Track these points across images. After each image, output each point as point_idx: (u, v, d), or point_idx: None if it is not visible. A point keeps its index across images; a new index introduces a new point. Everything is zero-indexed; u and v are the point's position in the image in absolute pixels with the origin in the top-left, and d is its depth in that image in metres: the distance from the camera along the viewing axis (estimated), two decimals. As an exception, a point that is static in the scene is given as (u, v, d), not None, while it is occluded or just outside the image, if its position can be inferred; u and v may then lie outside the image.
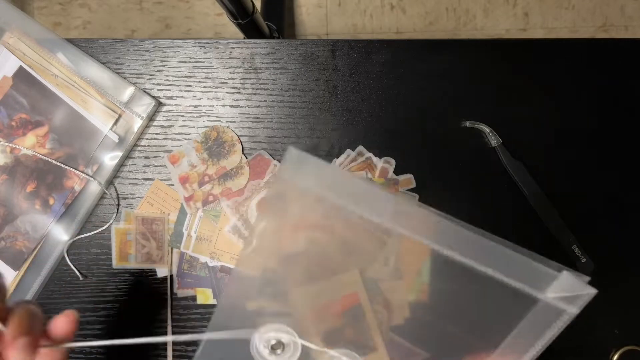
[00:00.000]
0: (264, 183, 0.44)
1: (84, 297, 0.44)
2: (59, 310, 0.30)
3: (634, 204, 0.45)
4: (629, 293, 0.45)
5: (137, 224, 0.44)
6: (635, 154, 0.45)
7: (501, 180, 0.44)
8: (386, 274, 0.44)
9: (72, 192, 0.43)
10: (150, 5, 1.11)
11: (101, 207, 0.44)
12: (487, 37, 1.12)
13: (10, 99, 0.43)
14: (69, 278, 0.44)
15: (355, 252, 0.43)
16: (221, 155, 0.44)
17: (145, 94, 0.43)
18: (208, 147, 0.44)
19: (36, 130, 0.43)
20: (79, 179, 0.43)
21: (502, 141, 0.44)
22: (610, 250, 0.45)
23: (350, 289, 0.43)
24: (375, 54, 0.44)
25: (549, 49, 0.45)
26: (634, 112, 0.45)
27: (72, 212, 0.43)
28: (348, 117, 0.44)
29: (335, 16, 1.12)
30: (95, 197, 0.43)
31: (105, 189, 0.43)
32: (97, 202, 0.44)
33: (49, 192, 0.43)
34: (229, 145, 0.44)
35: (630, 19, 1.13)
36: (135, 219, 0.44)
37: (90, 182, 0.43)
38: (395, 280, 0.44)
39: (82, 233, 0.44)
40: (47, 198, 0.43)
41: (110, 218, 0.44)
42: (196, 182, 0.43)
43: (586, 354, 0.45)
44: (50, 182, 0.43)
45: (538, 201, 0.44)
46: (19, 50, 0.43)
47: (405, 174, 0.44)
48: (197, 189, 0.43)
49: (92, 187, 0.43)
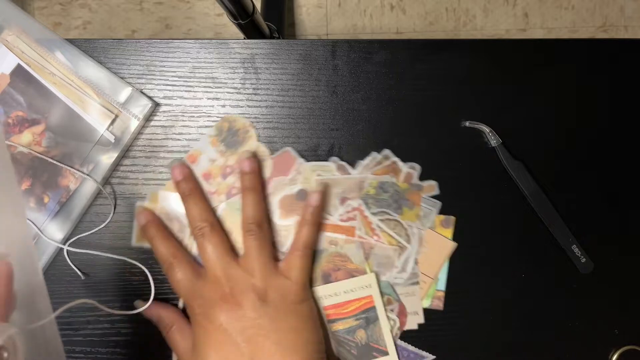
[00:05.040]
0: (288, 180, 0.44)
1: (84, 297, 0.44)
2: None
3: (634, 204, 0.45)
4: (629, 293, 0.45)
5: (162, 205, 0.44)
6: (635, 154, 0.45)
7: (501, 180, 0.44)
8: (403, 279, 0.44)
9: (67, 190, 0.43)
10: (150, 5, 1.11)
11: (97, 207, 0.44)
12: (487, 37, 1.12)
13: (7, 97, 0.43)
14: (69, 278, 0.44)
15: (373, 255, 0.44)
16: (237, 144, 0.44)
17: (142, 95, 0.43)
18: (223, 139, 0.44)
19: (32, 128, 0.43)
20: (74, 178, 0.43)
21: (502, 141, 0.44)
22: (610, 250, 0.45)
23: (366, 291, 0.44)
24: (375, 54, 0.44)
25: (549, 49, 0.45)
26: (634, 113, 0.45)
27: (66, 211, 0.43)
28: (348, 117, 0.44)
29: (335, 16, 1.12)
30: (91, 196, 0.43)
31: (101, 187, 0.43)
32: (93, 202, 0.44)
33: (43, 190, 0.43)
34: (242, 132, 0.44)
35: (630, 19, 1.13)
36: (161, 197, 0.44)
37: (85, 181, 0.43)
38: (411, 286, 0.44)
39: (77, 232, 0.44)
40: (42, 196, 0.43)
41: (106, 218, 0.44)
42: (219, 175, 0.43)
43: (586, 354, 0.45)
44: (45, 180, 0.43)
45: (538, 201, 0.44)
46: (17, 48, 0.43)
47: (429, 180, 0.44)
48: (222, 181, 0.43)
49: (88, 186, 0.43)
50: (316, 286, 0.44)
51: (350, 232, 0.44)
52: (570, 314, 0.45)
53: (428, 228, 0.44)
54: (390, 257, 0.44)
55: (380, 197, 0.44)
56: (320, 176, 0.44)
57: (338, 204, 0.44)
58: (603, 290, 0.45)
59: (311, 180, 0.44)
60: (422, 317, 0.44)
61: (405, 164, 0.44)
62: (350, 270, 0.44)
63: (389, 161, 0.44)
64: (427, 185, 0.44)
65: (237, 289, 0.40)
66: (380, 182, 0.44)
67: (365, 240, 0.44)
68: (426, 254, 0.44)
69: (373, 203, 0.44)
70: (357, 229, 0.44)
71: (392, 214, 0.44)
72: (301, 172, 0.44)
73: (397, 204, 0.44)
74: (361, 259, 0.44)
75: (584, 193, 0.45)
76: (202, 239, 0.41)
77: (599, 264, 0.45)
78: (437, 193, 0.44)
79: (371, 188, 0.44)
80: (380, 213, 0.44)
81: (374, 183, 0.44)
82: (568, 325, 0.45)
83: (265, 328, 0.39)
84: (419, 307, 0.44)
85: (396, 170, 0.44)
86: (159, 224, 0.43)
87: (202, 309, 0.40)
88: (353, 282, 0.44)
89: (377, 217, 0.44)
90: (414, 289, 0.44)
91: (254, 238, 0.41)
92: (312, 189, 0.44)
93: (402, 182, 0.44)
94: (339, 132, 0.44)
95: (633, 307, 0.45)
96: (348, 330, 0.44)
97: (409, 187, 0.44)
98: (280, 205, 0.44)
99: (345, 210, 0.44)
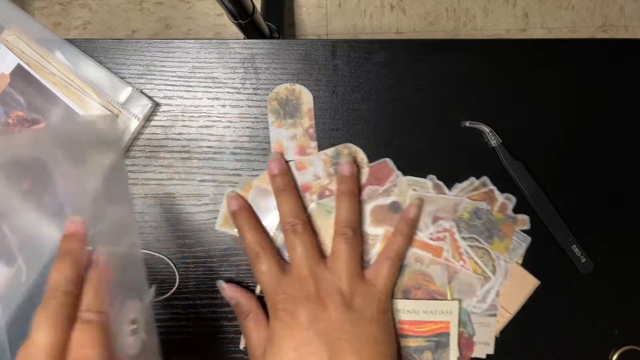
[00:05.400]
0: (383, 191, 0.44)
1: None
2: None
3: (634, 204, 0.45)
4: (629, 293, 0.45)
5: (255, 194, 0.44)
6: (635, 154, 0.45)
7: (501, 180, 0.44)
8: (481, 309, 0.44)
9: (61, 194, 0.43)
10: (150, 5, 1.11)
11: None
12: (487, 37, 1.12)
13: (7, 96, 0.43)
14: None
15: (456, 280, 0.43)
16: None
17: (142, 95, 0.43)
18: (336, 163, 0.44)
19: (33, 128, 0.43)
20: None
21: (502, 141, 0.44)
22: (610, 250, 0.45)
23: (445, 317, 0.43)
24: (375, 54, 0.44)
25: (549, 49, 0.45)
26: (634, 113, 0.45)
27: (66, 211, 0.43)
28: (348, 117, 0.44)
29: (335, 16, 1.12)
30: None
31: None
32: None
33: (44, 190, 0.43)
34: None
35: (630, 19, 1.13)
36: (254, 187, 0.44)
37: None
38: (488, 317, 0.44)
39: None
40: (42, 196, 0.43)
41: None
42: (316, 194, 0.44)
43: (586, 354, 0.45)
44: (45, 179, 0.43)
45: (538, 201, 0.44)
46: (17, 47, 0.43)
47: (522, 215, 0.44)
48: (316, 200, 0.44)
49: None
50: (395, 299, 0.43)
51: (438, 252, 0.44)
52: (570, 314, 0.45)
53: (515, 262, 0.44)
54: (472, 285, 0.43)
55: (473, 223, 0.44)
56: (416, 191, 0.44)
57: (429, 222, 0.44)
58: (603, 290, 0.45)
59: (406, 194, 0.44)
60: (492, 348, 0.44)
61: (501, 194, 0.44)
62: (430, 291, 0.43)
63: (486, 188, 0.44)
64: (520, 218, 0.44)
65: (324, 291, 0.40)
66: (476, 208, 0.44)
67: (451, 263, 0.43)
68: (508, 288, 0.44)
69: (465, 227, 0.44)
70: (445, 251, 0.43)
71: (482, 242, 0.44)
72: (397, 185, 0.44)
73: (489, 233, 0.44)
74: (444, 282, 0.43)
75: (584, 193, 0.45)
76: (292, 236, 0.41)
77: (599, 264, 0.45)
78: (528, 227, 0.44)
79: (465, 212, 0.44)
80: (470, 239, 0.44)
81: (469, 207, 0.44)
82: (568, 325, 0.45)
83: (348, 333, 0.39)
84: (491, 339, 0.44)
85: (492, 198, 0.44)
86: (249, 212, 0.43)
87: (285, 304, 0.40)
88: (435, 304, 0.43)
89: (467, 242, 0.44)
90: (490, 321, 0.44)
91: (346, 242, 0.41)
92: (409, 203, 0.43)
93: (497, 211, 0.44)
94: (339, 132, 0.44)
95: (633, 307, 0.45)
96: (416, 349, 0.43)
97: (504, 218, 0.44)
98: (371, 214, 0.44)
99: (436, 230, 0.44)
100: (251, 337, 0.42)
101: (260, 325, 0.42)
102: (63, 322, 0.31)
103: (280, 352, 0.39)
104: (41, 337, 0.30)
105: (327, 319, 0.39)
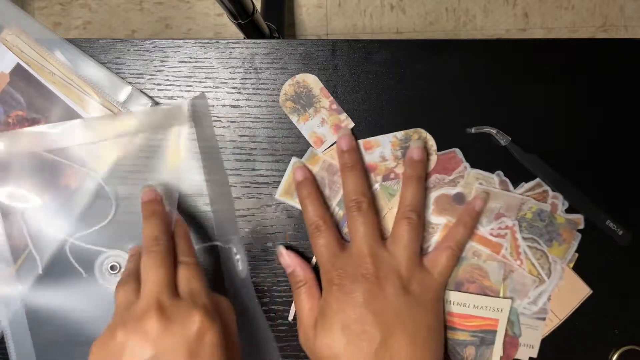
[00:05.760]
0: (449, 180, 0.44)
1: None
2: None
3: (634, 204, 0.45)
4: (629, 293, 0.45)
5: (321, 167, 0.44)
6: (635, 154, 0.45)
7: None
8: (531, 311, 0.43)
9: (67, 189, 0.43)
10: (150, 5, 1.11)
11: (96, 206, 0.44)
12: (487, 37, 1.12)
13: (7, 96, 0.43)
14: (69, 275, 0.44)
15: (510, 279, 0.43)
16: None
17: (142, 94, 0.43)
18: (403, 147, 0.44)
19: (33, 128, 0.43)
20: (75, 177, 0.43)
21: (511, 139, 0.44)
22: (610, 250, 0.45)
23: (495, 314, 0.43)
24: (375, 54, 0.44)
25: (549, 49, 0.45)
26: (634, 113, 0.45)
27: (67, 210, 0.43)
28: (348, 117, 0.44)
29: (335, 16, 1.12)
30: (92, 195, 0.43)
31: (104, 184, 0.43)
32: (94, 201, 0.44)
33: (44, 189, 0.43)
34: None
35: (630, 19, 1.13)
36: (321, 161, 0.44)
37: (86, 180, 0.43)
38: (537, 320, 0.44)
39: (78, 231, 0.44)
40: (42, 195, 0.43)
41: (105, 218, 0.44)
42: (381, 176, 0.44)
43: (586, 354, 0.45)
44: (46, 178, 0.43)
45: (561, 187, 0.44)
46: (16, 47, 0.43)
47: (576, 214, 0.44)
48: (380, 181, 0.44)
49: (88, 185, 0.43)
50: (447, 290, 0.43)
51: (497, 248, 0.43)
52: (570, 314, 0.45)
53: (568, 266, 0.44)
54: (526, 285, 0.43)
55: (535, 223, 0.43)
56: (482, 185, 0.44)
57: (492, 218, 0.43)
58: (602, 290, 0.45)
59: (471, 186, 0.44)
60: (536, 352, 0.44)
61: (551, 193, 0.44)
62: (483, 287, 0.43)
63: (540, 189, 0.44)
64: (575, 218, 0.44)
65: (382, 272, 0.39)
66: (539, 209, 0.43)
67: (508, 261, 0.43)
68: (561, 293, 0.44)
69: (526, 227, 0.43)
70: (503, 248, 0.43)
71: (542, 245, 0.43)
72: (464, 176, 0.44)
73: (549, 236, 0.43)
74: (498, 279, 0.43)
75: (584, 193, 0.45)
76: (356, 213, 0.41)
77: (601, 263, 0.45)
78: (582, 227, 0.44)
79: (529, 212, 0.43)
80: (530, 239, 0.43)
81: (533, 208, 0.43)
82: (568, 325, 0.45)
83: (404, 317, 0.39)
84: (537, 342, 0.44)
85: (545, 198, 0.44)
86: (314, 184, 0.43)
87: (341, 280, 0.39)
88: (487, 300, 0.43)
89: (526, 243, 0.43)
90: (538, 324, 0.43)
91: (409, 226, 0.41)
92: (475, 195, 0.43)
93: (558, 214, 0.44)
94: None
95: (633, 307, 0.45)
96: (460, 342, 0.43)
97: (565, 222, 0.44)
98: (434, 202, 0.44)
99: (497, 226, 0.43)
100: (303, 309, 0.41)
101: (314, 297, 0.41)
102: (167, 262, 0.36)
103: (332, 327, 0.39)
104: (153, 275, 0.35)
105: (383, 300, 0.39)
